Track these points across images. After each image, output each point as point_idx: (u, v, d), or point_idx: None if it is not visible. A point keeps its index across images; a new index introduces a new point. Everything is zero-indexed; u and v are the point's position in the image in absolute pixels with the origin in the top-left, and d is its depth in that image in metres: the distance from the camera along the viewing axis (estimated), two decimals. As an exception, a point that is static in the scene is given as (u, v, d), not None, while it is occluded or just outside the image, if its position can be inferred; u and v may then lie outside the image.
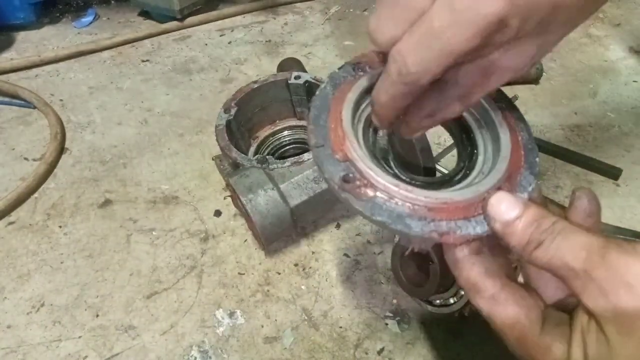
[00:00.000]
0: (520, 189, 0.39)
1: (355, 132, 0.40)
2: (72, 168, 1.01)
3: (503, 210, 0.35)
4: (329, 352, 0.69)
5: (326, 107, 0.41)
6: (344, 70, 0.44)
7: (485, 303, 0.37)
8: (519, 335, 0.36)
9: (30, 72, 1.28)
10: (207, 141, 1.05)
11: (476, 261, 0.37)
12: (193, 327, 0.73)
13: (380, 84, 0.37)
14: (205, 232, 0.86)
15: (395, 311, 0.74)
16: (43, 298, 0.78)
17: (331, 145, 0.38)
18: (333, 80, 0.43)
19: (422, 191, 0.37)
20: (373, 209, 0.36)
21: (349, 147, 0.38)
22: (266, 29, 1.44)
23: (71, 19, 1.51)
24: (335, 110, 0.41)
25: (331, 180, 0.37)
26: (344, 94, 0.41)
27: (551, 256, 0.33)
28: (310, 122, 0.40)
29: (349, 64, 0.44)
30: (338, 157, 0.38)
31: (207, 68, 1.28)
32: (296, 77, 0.88)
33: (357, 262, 0.81)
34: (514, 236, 0.35)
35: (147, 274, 0.80)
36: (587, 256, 0.31)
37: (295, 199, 0.73)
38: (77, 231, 0.88)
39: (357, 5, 1.55)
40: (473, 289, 0.37)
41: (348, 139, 0.38)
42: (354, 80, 0.43)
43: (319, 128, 0.40)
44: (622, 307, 0.29)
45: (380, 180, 0.37)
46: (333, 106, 0.41)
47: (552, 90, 1.16)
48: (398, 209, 0.36)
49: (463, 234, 0.36)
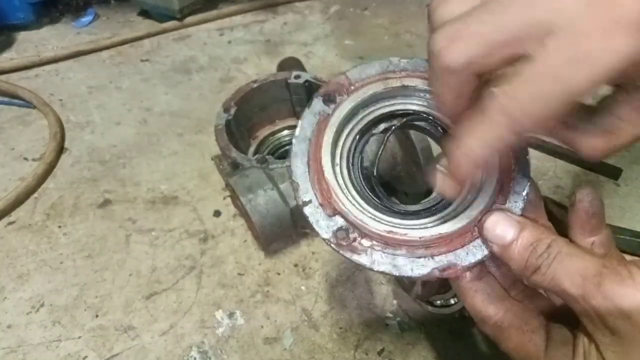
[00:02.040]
0: (514, 197, 0.39)
1: (338, 173, 0.40)
2: (71, 168, 1.00)
3: (499, 234, 0.36)
4: (329, 353, 0.69)
5: (305, 157, 0.41)
6: (313, 108, 0.42)
7: (490, 329, 0.38)
8: (524, 358, 0.37)
9: (30, 72, 1.28)
10: (207, 141, 1.04)
11: (478, 288, 0.38)
12: (192, 327, 0.73)
13: (470, 135, 0.31)
14: (205, 232, 0.86)
15: (396, 312, 0.74)
16: (43, 298, 0.77)
17: (319, 201, 0.39)
18: (308, 125, 0.42)
19: (416, 231, 0.37)
20: (372, 261, 0.37)
21: (337, 201, 0.38)
22: (266, 29, 1.44)
23: (71, 19, 1.51)
24: (315, 159, 0.40)
25: (327, 241, 0.38)
26: (320, 138, 0.41)
27: (548, 282, 0.33)
28: (293, 176, 0.40)
29: (318, 97, 0.42)
30: (328, 213, 0.38)
31: (206, 67, 1.28)
32: (296, 77, 0.88)
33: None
34: (512, 260, 0.35)
35: (146, 274, 0.80)
36: (582, 283, 0.31)
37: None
38: (77, 231, 0.87)
39: (357, 5, 1.54)
40: (478, 316, 0.38)
41: (333, 191, 0.38)
42: (327, 117, 0.42)
43: (303, 182, 0.40)
44: (620, 335, 0.30)
45: (373, 230, 0.37)
46: (312, 154, 0.41)
47: (552, 90, 1.15)
48: (397, 256, 0.37)
49: (464, 265, 0.36)
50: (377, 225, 0.37)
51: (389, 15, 1.49)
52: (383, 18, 1.47)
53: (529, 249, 0.34)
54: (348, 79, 0.42)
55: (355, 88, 0.42)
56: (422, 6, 1.54)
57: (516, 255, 0.35)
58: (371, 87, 0.42)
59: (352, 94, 0.42)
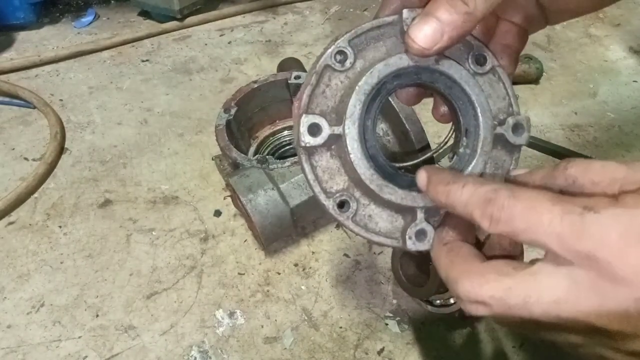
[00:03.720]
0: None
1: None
2: (72, 168, 1.01)
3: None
4: (329, 353, 0.69)
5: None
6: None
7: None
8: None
9: (30, 72, 1.28)
10: (207, 141, 1.05)
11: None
12: (193, 327, 0.73)
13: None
14: (205, 232, 0.86)
15: (396, 311, 0.74)
16: (43, 298, 0.78)
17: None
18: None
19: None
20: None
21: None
22: (266, 29, 1.44)
23: (71, 19, 1.51)
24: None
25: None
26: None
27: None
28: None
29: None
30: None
31: (207, 68, 1.28)
32: (296, 77, 0.88)
33: (357, 262, 0.81)
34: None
35: (147, 274, 0.80)
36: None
37: (295, 199, 0.73)
38: (77, 231, 0.88)
39: (357, 5, 1.54)
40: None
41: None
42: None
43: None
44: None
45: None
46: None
47: (552, 90, 1.16)
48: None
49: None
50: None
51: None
52: (383, 18, 1.47)
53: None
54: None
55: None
56: (422, 7, 1.54)
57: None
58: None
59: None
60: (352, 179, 0.39)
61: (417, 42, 0.35)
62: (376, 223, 0.40)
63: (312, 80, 0.38)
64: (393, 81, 0.38)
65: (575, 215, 0.27)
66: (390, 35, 0.40)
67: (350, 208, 0.39)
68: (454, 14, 0.34)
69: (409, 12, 0.38)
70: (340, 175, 0.39)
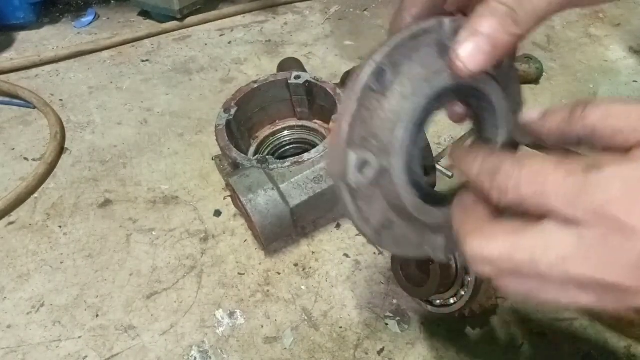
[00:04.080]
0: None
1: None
2: (72, 168, 1.01)
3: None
4: (329, 353, 0.69)
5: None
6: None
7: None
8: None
9: (30, 72, 1.28)
10: (207, 141, 1.05)
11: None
12: (193, 327, 0.73)
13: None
14: (205, 232, 0.86)
15: (396, 311, 0.74)
16: (43, 298, 0.78)
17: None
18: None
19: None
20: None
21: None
22: (266, 29, 1.44)
23: (71, 19, 1.51)
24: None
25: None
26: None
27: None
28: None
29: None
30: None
31: (207, 68, 1.28)
32: (296, 77, 0.88)
33: (357, 262, 0.81)
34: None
35: (147, 274, 0.80)
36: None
37: (295, 199, 0.73)
38: (77, 231, 0.88)
39: (357, 5, 1.54)
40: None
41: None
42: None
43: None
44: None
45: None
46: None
47: (552, 90, 1.16)
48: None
49: None
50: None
51: (388, 16, 1.48)
52: (383, 19, 1.47)
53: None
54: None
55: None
56: (422, 7, 1.54)
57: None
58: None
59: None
60: (392, 205, 0.37)
61: (466, 65, 0.32)
62: (409, 240, 0.39)
63: (353, 106, 0.34)
64: (434, 102, 0.35)
65: (579, 175, 0.27)
66: (423, 45, 0.35)
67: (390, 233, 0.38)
68: (505, 34, 0.31)
69: (451, 22, 0.34)
70: (379, 201, 0.37)
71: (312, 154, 0.76)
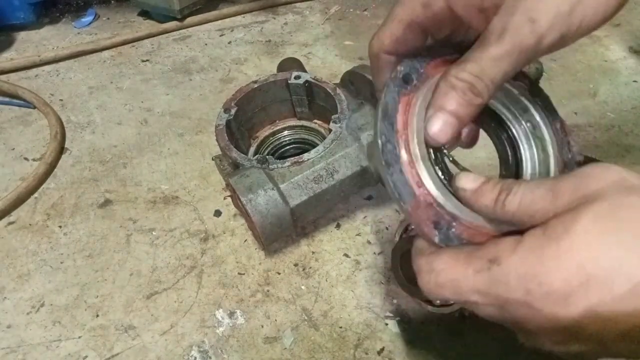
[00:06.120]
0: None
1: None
2: (72, 168, 1.01)
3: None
4: (329, 352, 0.69)
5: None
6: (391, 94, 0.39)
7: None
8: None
9: (30, 72, 1.28)
10: (207, 141, 1.05)
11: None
12: (193, 327, 0.73)
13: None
14: (205, 232, 0.86)
15: (395, 311, 0.74)
16: (43, 298, 0.78)
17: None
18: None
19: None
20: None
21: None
22: (266, 29, 1.44)
23: (71, 19, 1.51)
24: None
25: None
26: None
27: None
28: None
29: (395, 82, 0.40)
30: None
31: (207, 68, 1.28)
32: (296, 77, 0.88)
33: (357, 262, 0.81)
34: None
35: (147, 274, 0.80)
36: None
37: (295, 199, 0.73)
38: (77, 231, 0.88)
39: (357, 5, 1.55)
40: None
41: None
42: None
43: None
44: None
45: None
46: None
47: (552, 90, 1.15)
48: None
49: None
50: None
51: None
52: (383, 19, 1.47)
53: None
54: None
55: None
56: (422, 7, 1.54)
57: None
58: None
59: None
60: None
61: (437, 140, 0.37)
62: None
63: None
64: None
65: (485, 272, 0.33)
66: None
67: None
68: (468, 107, 0.36)
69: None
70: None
71: (312, 154, 0.76)
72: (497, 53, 0.34)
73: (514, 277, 0.31)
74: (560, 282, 0.29)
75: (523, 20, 0.32)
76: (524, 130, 0.43)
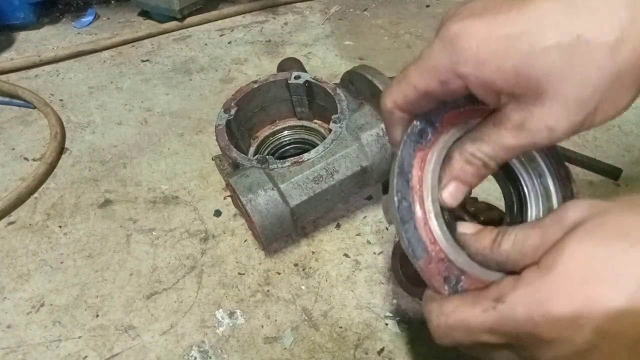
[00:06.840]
0: None
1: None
2: (72, 168, 1.01)
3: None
4: (329, 352, 0.69)
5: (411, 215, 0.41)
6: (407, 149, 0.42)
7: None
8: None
9: (30, 72, 1.28)
10: (207, 141, 1.05)
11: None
12: (193, 327, 0.73)
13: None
14: (205, 232, 0.86)
15: (395, 311, 0.74)
16: (43, 298, 0.78)
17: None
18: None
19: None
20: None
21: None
22: (266, 29, 1.44)
23: (71, 19, 1.51)
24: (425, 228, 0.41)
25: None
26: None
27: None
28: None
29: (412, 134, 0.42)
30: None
31: (207, 68, 1.28)
32: (296, 77, 0.88)
33: (357, 262, 0.81)
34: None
35: (147, 274, 0.80)
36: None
37: (295, 199, 0.73)
38: (77, 231, 0.88)
39: (357, 5, 1.55)
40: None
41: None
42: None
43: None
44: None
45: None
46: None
47: (552, 90, 1.15)
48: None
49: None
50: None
51: (388, 15, 1.49)
52: (383, 19, 1.47)
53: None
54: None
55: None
56: (422, 7, 1.54)
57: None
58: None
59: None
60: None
61: (448, 203, 0.41)
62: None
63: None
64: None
65: (491, 311, 0.35)
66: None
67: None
68: (478, 178, 0.40)
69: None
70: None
71: (312, 154, 0.76)
72: (512, 144, 0.37)
73: (520, 312, 0.33)
74: (563, 307, 0.31)
75: (541, 126, 0.35)
76: (531, 179, 0.46)
